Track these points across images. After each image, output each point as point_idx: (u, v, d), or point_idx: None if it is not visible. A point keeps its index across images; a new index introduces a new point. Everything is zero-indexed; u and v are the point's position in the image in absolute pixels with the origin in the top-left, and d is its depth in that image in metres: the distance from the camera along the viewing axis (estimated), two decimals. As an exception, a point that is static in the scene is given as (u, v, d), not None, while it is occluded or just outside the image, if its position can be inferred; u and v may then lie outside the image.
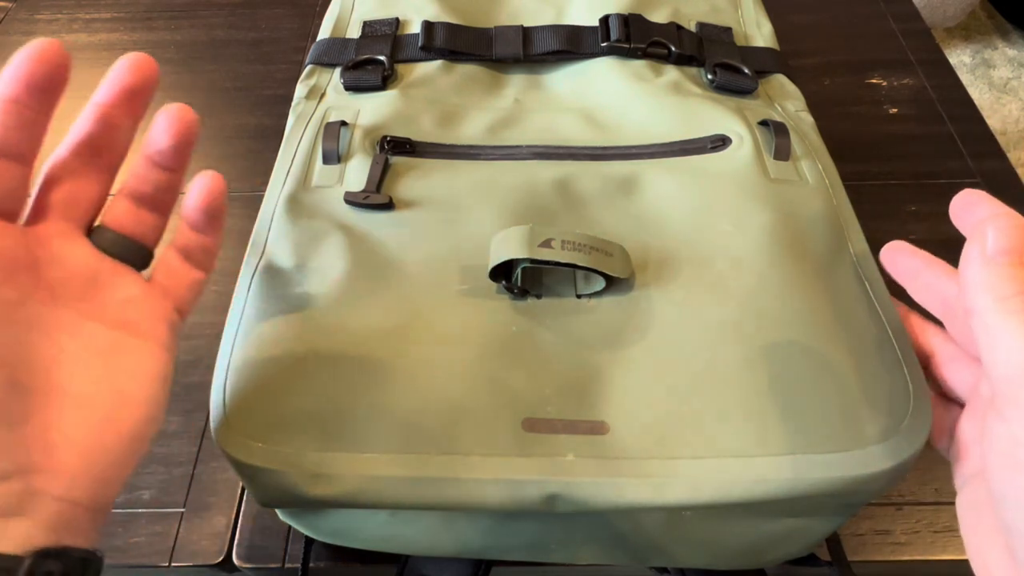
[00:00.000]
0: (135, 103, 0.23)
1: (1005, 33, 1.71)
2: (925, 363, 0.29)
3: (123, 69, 0.23)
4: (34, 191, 0.22)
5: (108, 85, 0.23)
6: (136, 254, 0.24)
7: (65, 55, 0.22)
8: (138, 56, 0.23)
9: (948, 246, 0.27)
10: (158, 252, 0.26)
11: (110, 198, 0.24)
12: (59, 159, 0.23)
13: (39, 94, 0.21)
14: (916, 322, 0.29)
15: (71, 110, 0.24)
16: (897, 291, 0.32)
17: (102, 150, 0.23)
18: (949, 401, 0.28)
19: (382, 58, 0.42)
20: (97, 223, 0.24)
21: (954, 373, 0.27)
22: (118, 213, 0.24)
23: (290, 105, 0.41)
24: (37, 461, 0.20)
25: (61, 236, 0.22)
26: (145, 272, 0.25)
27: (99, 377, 0.22)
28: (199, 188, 0.25)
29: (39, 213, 0.22)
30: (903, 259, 0.28)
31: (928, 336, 0.29)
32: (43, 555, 0.20)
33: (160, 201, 0.25)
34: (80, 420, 0.21)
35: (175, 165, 0.24)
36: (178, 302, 0.25)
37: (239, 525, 0.39)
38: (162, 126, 0.24)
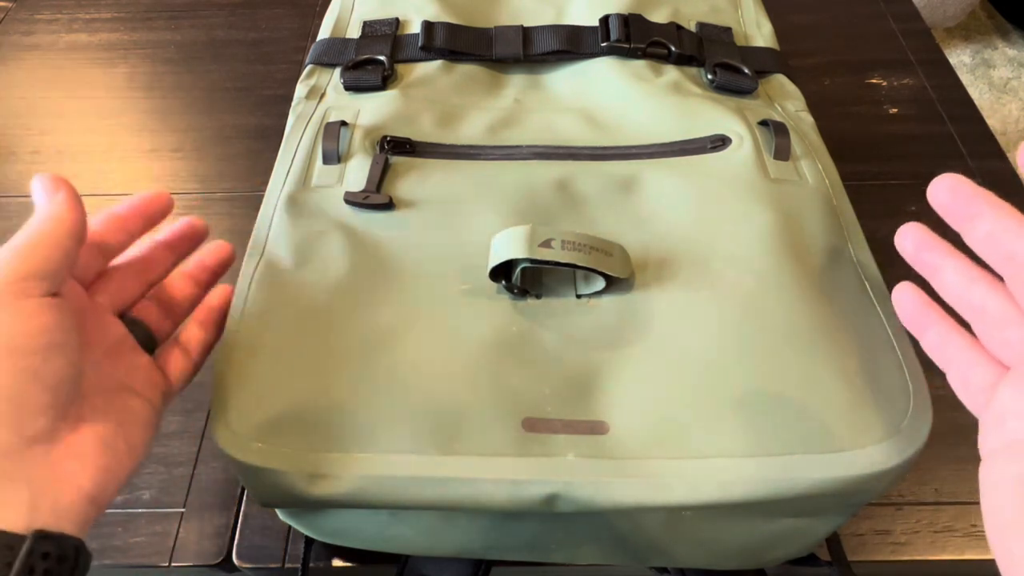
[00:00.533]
0: (190, 247, 0.33)
1: (1005, 33, 1.71)
2: (976, 317, 0.25)
3: (181, 229, 0.32)
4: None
5: (178, 230, 0.32)
6: (150, 341, 0.30)
7: (171, 205, 0.31)
8: (193, 220, 0.33)
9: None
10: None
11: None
12: (120, 265, 0.30)
13: (141, 225, 0.30)
14: (966, 270, 0.26)
15: (72, 109, 0.25)
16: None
17: (150, 271, 0.31)
18: (990, 360, 0.25)
19: (382, 58, 0.42)
20: (127, 313, 0.31)
21: (1005, 333, 0.24)
22: (143, 309, 0.31)
23: (290, 105, 0.41)
24: (62, 440, 0.24)
25: (105, 311, 0.29)
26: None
27: (112, 413, 0.26)
28: (217, 294, 0.32)
29: (96, 291, 0.29)
30: (962, 200, 0.25)
31: (979, 293, 0.25)
32: (42, 536, 0.22)
33: (179, 311, 0.32)
34: (97, 429, 0.25)
35: (206, 283, 0.33)
36: (172, 382, 0.30)
37: (239, 525, 0.39)
38: (210, 254, 0.33)
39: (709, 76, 0.42)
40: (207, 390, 0.29)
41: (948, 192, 0.25)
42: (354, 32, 0.45)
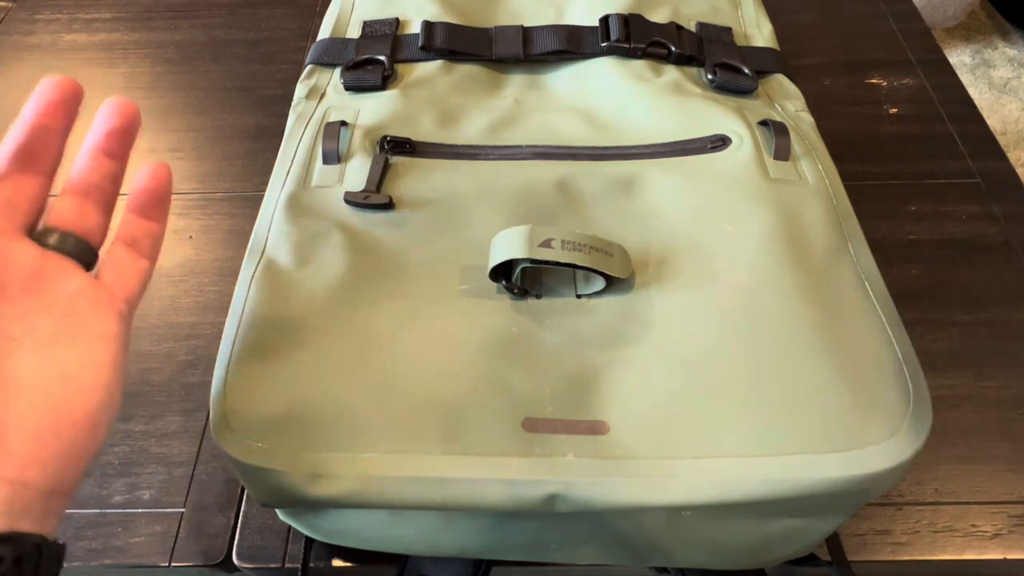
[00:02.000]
0: (67, 110, 0.24)
1: (1005, 33, 1.71)
2: None
3: (52, 85, 0.24)
4: None
5: (38, 98, 0.24)
6: (82, 251, 0.25)
7: (79, 89, 0.24)
8: (62, 78, 0.24)
9: (947, 245, 0.27)
10: (104, 248, 0.27)
11: (52, 199, 0.26)
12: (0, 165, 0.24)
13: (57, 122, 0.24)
14: None
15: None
16: (897, 291, 0.32)
17: (37, 154, 0.24)
18: None
19: (382, 58, 0.42)
20: (42, 225, 0.25)
21: None
22: (62, 211, 0.25)
23: (290, 105, 0.41)
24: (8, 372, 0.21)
25: (3, 236, 0.23)
26: (93, 270, 0.26)
27: (48, 366, 0.22)
28: (146, 172, 0.27)
29: None
30: None
31: None
32: (3, 539, 0.20)
33: (104, 194, 0.26)
34: (29, 406, 0.22)
35: (120, 152, 0.26)
36: (126, 292, 0.26)
37: (239, 525, 0.39)
38: (108, 111, 0.25)
39: (709, 76, 0.42)
40: (207, 390, 0.29)
41: None
42: (354, 32, 0.45)
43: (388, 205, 0.34)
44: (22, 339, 0.22)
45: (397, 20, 0.45)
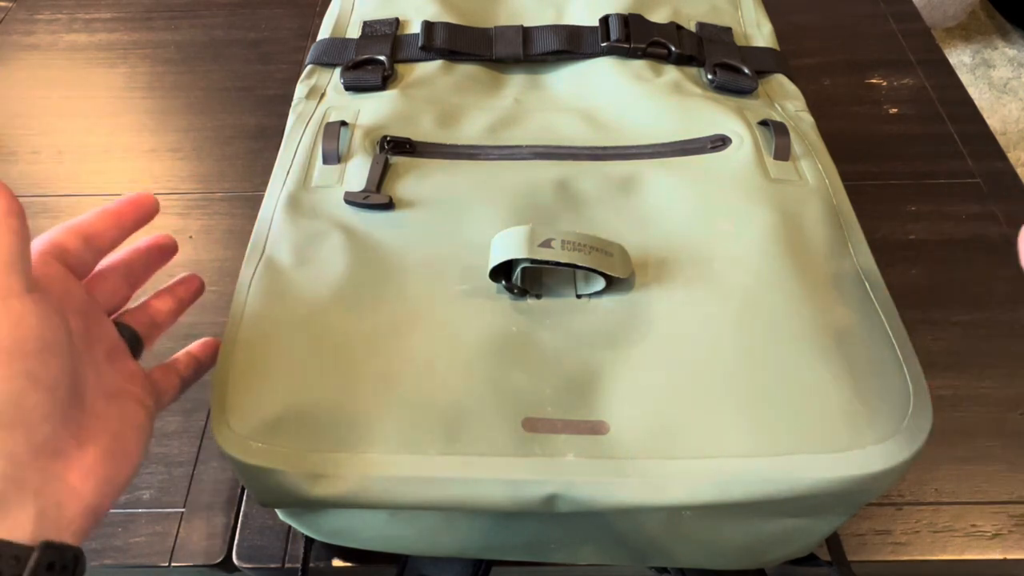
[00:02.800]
0: (163, 259, 0.33)
1: (1005, 33, 1.71)
2: None
3: (155, 238, 0.32)
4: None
5: (150, 239, 0.32)
6: (137, 345, 0.30)
7: (157, 206, 0.31)
8: (164, 234, 0.33)
9: (947, 246, 0.27)
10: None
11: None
12: (111, 264, 0.30)
13: (132, 224, 0.30)
14: None
15: (72, 109, 0.25)
16: (897, 291, 0.32)
17: (133, 272, 0.31)
18: None
19: (382, 58, 0.42)
20: (117, 317, 0.31)
21: None
22: (136, 315, 0.31)
23: (290, 105, 0.41)
24: (67, 448, 0.24)
25: (101, 309, 0.29)
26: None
27: (112, 419, 0.26)
28: (203, 349, 0.33)
29: (92, 289, 0.29)
30: None
31: None
32: (49, 546, 0.21)
33: (162, 321, 0.32)
34: (98, 437, 0.25)
35: (187, 302, 0.34)
36: (162, 395, 0.30)
37: (239, 525, 0.39)
38: (187, 289, 0.33)
39: (709, 76, 0.42)
40: (207, 390, 0.29)
41: None
42: (354, 32, 0.45)
43: (388, 205, 0.34)
44: (97, 392, 0.26)
45: (397, 20, 0.45)
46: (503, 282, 0.31)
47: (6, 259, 0.24)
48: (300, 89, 0.42)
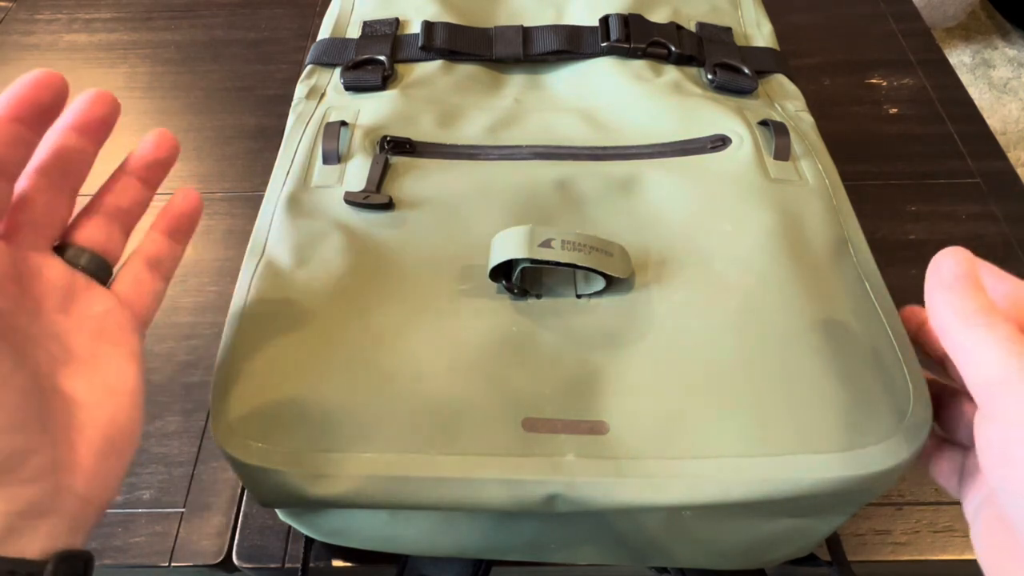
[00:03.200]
0: (100, 132, 0.24)
1: (1005, 33, 1.71)
2: (937, 412, 0.29)
3: (87, 102, 0.24)
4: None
5: (72, 114, 0.24)
6: (103, 270, 0.25)
7: (64, 85, 0.22)
8: (101, 92, 0.24)
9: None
10: (121, 264, 0.27)
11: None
12: (29, 179, 0.23)
13: (37, 117, 0.22)
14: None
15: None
16: (897, 291, 0.32)
17: (70, 173, 0.24)
18: (956, 445, 0.28)
19: (382, 58, 0.42)
20: (64, 241, 0.25)
21: (960, 414, 0.28)
22: (88, 230, 0.25)
23: (290, 105, 0.41)
24: (64, 458, 0.21)
25: (35, 251, 0.23)
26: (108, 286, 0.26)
27: (93, 382, 0.23)
28: (181, 195, 0.27)
29: (13, 229, 0.23)
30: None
31: (934, 388, 0.29)
32: (62, 558, 0.21)
33: (131, 219, 0.26)
34: (90, 422, 0.22)
35: (155, 182, 0.26)
36: (144, 311, 0.26)
37: (239, 525, 0.39)
38: (153, 142, 0.26)
39: (709, 76, 0.42)
40: (207, 390, 0.29)
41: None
42: (354, 32, 0.45)
43: (388, 205, 0.34)
44: (62, 357, 0.22)
45: (397, 20, 0.45)
46: (503, 282, 0.31)
47: None
48: (300, 89, 0.42)
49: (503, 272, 0.30)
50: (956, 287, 0.23)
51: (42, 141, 0.23)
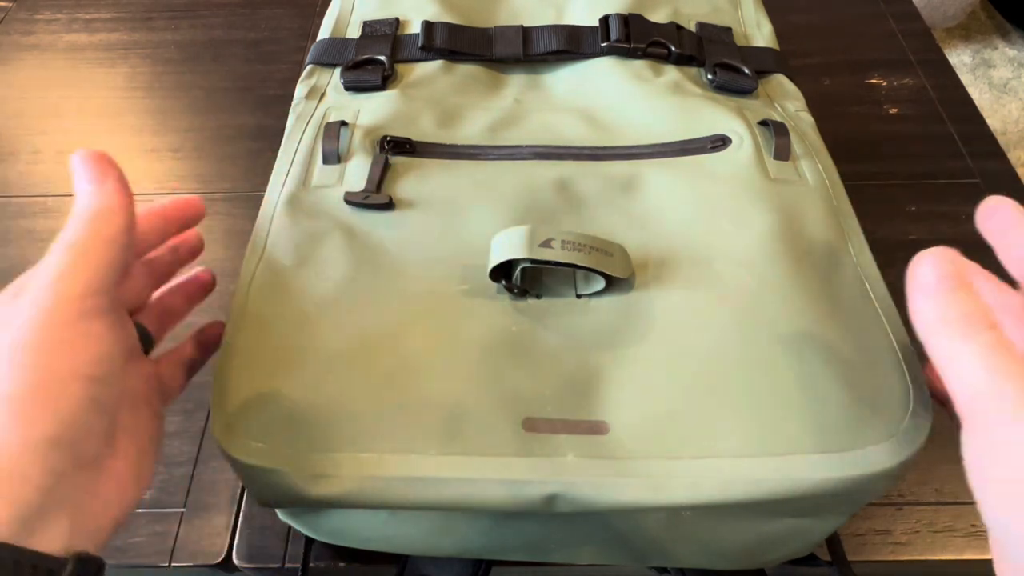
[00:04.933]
0: (191, 255, 0.32)
1: (1005, 33, 1.71)
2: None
3: (186, 239, 0.31)
4: None
5: (187, 236, 0.32)
6: (150, 345, 0.29)
7: (203, 213, 0.31)
8: (197, 231, 0.32)
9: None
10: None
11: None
12: (140, 262, 0.29)
13: (176, 229, 0.30)
14: None
15: (72, 109, 0.25)
16: (898, 291, 0.32)
17: (157, 274, 0.30)
18: None
19: (382, 58, 0.42)
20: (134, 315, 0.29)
21: None
22: (148, 312, 0.30)
23: (290, 105, 0.41)
24: (103, 463, 0.23)
25: (126, 312, 0.27)
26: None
27: (138, 430, 0.26)
28: (213, 325, 0.33)
29: (120, 290, 0.26)
30: (1000, 216, 0.25)
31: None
32: (80, 559, 0.22)
33: (172, 321, 0.32)
34: (128, 449, 0.25)
35: (196, 300, 0.33)
36: (168, 390, 0.30)
37: (239, 525, 0.39)
38: (197, 286, 0.33)
39: (709, 76, 0.42)
40: (207, 390, 0.29)
41: (985, 216, 0.25)
42: (354, 32, 0.45)
43: (388, 205, 0.34)
44: (126, 399, 0.25)
45: (397, 20, 0.45)
46: (503, 282, 0.31)
47: (101, 274, 0.23)
48: (300, 89, 0.42)
49: (503, 272, 0.30)
50: (937, 292, 0.22)
51: (158, 251, 0.30)
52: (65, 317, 0.22)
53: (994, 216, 0.25)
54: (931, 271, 0.22)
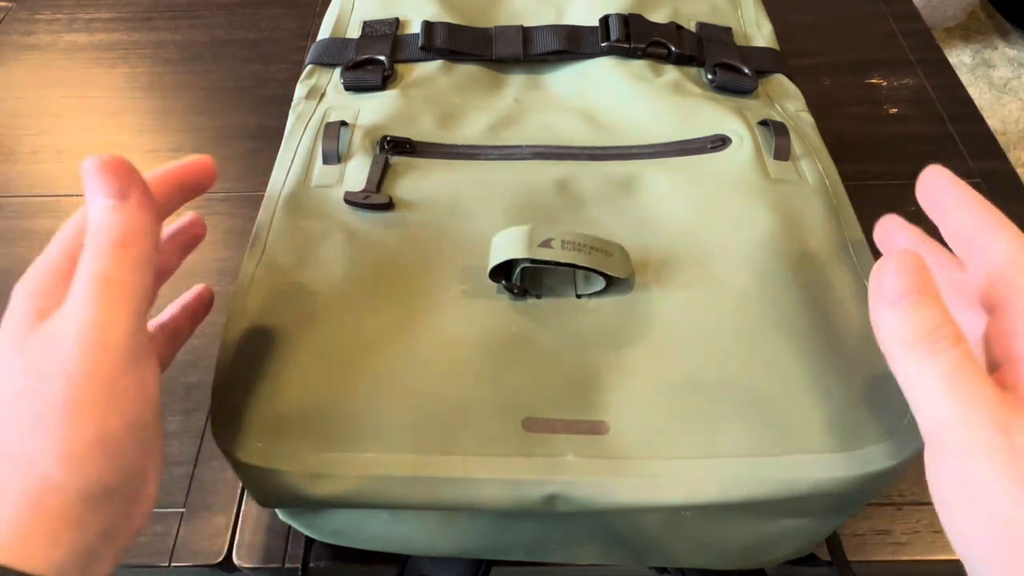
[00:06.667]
0: (188, 247, 0.32)
1: (1005, 33, 1.71)
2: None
3: (187, 222, 0.31)
4: None
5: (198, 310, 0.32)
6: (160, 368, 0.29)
7: (215, 174, 0.29)
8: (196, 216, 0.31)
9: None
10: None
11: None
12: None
13: (190, 196, 0.28)
14: None
15: (72, 109, 0.25)
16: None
17: (179, 335, 0.31)
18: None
19: (382, 58, 0.42)
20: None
21: None
22: (161, 333, 0.31)
23: (290, 105, 0.41)
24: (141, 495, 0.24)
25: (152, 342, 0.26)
26: None
27: (151, 451, 0.25)
28: (196, 304, 0.33)
29: None
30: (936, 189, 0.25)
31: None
32: None
33: (177, 336, 0.32)
34: (154, 466, 0.25)
35: (199, 320, 0.34)
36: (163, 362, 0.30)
37: (239, 525, 0.39)
38: (200, 302, 0.33)
39: (709, 76, 0.42)
40: (207, 390, 0.29)
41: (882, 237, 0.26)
42: (354, 32, 0.45)
43: (388, 205, 0.34)
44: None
45: (397, 20, 0.45)
46: (503, 282, 0.31)
47: (140, 309, 0.22)
48: (300, 89, 0.42)
49: (503, 272, 0.30)
50: (900, 305, 0.21)
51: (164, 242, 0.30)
52: (113, 370, 0.21)
53: (931, 190, 0.24)
54: (895, 284, 0.21)
